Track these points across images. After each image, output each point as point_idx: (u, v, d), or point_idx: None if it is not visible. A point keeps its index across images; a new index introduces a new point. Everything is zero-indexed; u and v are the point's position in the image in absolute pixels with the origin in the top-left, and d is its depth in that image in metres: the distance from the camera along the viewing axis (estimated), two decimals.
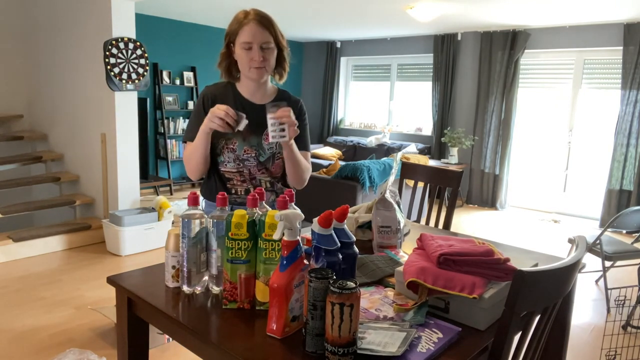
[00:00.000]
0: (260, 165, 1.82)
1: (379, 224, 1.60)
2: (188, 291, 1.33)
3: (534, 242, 5.07)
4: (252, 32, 1.67)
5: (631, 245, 3.59)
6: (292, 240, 1.10)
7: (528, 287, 0.99)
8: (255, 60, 1.69)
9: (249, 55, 1.69)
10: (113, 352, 2.64)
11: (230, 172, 1.82)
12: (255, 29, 1.67)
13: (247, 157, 1.80)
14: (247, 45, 1.68)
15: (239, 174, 1.82)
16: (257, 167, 1.82)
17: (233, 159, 1.79)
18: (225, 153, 1.79)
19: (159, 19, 6.56)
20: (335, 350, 0.99)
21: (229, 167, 1.81)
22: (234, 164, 1.80)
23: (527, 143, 6.53)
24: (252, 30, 1.67)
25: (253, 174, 1.83)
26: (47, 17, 4.85)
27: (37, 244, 4.15)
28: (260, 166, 1.82)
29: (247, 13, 1.70)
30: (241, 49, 1.69)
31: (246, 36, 1.67)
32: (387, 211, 1.59)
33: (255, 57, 1.69)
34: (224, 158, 1.80)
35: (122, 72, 4.28)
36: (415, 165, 2.57)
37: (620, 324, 3.19)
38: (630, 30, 5.36)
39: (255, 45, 1.68)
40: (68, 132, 4.88)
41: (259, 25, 1.68)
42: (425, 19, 5.31)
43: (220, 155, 1.80)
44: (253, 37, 1.67)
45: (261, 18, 1.69)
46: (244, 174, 1.82)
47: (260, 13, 1.71)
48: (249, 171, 1.82)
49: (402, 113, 7.73)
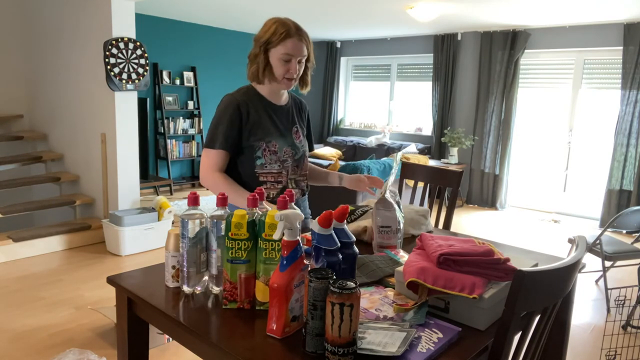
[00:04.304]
0: (295, 164, 1.89)
1: (379, 224, 1.60)
2: (188, 291, 1.33)
3: (534, 242, 5.07)
4: (295, 47, 1.75)
5: (631, 245, 3.59)
6: (292, 240, 1.10)
7: (528, 287, 0.99)
8: (292, 73, 1.78)
9: (286, 67, 1.77)
10: (113, 352, 2.64)
11: (270, 173, 1.84)
12: (298, 44, 1.75)
13: (286, 158, 1.86)
14: (287, 57, 1.75)
15: (278, 175, 1.85)
16: (292, 167, 1.88)
17: (275, 160, 1.83)
18: (267, 155, 1.82)
19: (159, 19, 6.56)
20: (335, 350, 0.99)
21: (270, 168, 1.83)
22: (275, 165, 1.84)
23: (527, 143, 6.53)
24: (295, 45, 1.75)
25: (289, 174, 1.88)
26: (47, 18, 4.85)
27: (37, 244, 4.16)
28: (295, 164, 1.89)
29: (289, 26, 1.75)
30: (280, 59, 1.76)
31: (290, 49, 1.74)
32: (387, 211, 1.59)
33: (293, 70, 1.77)
34: (265, 160, 1.82)
35: (122, 72, 4.28)
36: (415, 165, 2.57)
37: (620, 324, 3.19)
38: (630, 30, 5.36)
39: (295, 59, 1.76)
40: (68, 132, 4.88)
41: (302, 40, 1.76)
42: (425, 19, 5.31)
43: (261, 158, 1.82)
44: (296, 51, 1.75)
45: (303, 33, 1.78)
46: (282, 175, 1.86)
47: (300, 28, 1.78)
48: (287, 171, 1.87)
49: (402, 113, 7.73)
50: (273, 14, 5.84)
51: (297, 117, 1.96)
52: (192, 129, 7.04)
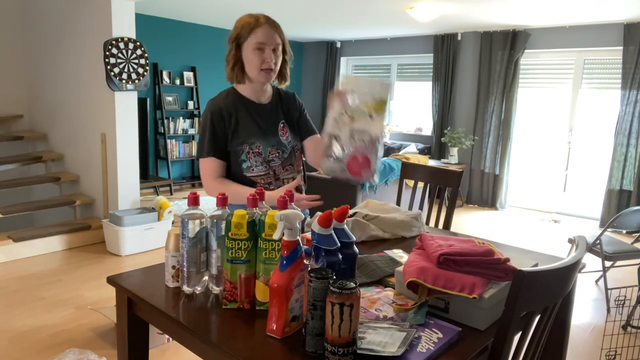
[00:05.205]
0: (285, 162, 1.86)
1: (354, 128, 1.44)
2: (188, 291, 1.33)
3: (534, 242, 5.07)
4: (267, 34, 1.71)
5: (631, 245, 3.59)
6: (292, 240, 1.10)
7: (528, 287, 0.99)
8: (268, 62, 1.73)
9: (261, 57, 1.73)
10: (113, 352, 2.64)
11: (258, 175, 1.82)
12: (269, 31, 1.72)
13: (273, 158, 1.82)
14: (260, 46, 1.71)
15: (266, 177, 1.83)
16: (282, 166, 1.85)
17: (260, 162, 1.80)
18: (252, 158, 1.79)
19: (159, 19, 6.56)
20: (335, 350, 0.99)
21: (257, 170, 1.81)
22: (262, 167, 1.81)
23: (527, 143, 6.53)
24: (266, 32, 1.71)
25: (278, 174, 1.84)
26: (48, 18, 4.85)
27: (37, 244, 4.15)
28: (285, 163, 1.86)
29: (258, 17, 1.74)
30: (253, 50, 1.72)
31: (261, 37, 1.71)
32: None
33: (268, 59, 1.73)
34: (251, 163, 1.80)
35: (122, 72, 4.28)
36: (415, 165, 2.57)
37: (620, 324, 3.19)
38: (630, 30, 5.36)
39: (268, 48, 1.72)
40: (68, 132, 4.88)
41: (272, 28, 1.73)
42: (425, 19, 5.31)
43: (246, 161, 1.80)
44: (267, 38, 1.72)
45: (273, 22, 1.75)
46: (270, 175, 1.83)
47: (269, 17, 1.75)
48: (274, 172, 1.84)
49: (402, 113, 7.73)
50: (273, 14, 5.83)
51: (282, 111, 1.90)
52: (192, 129, 7.04)
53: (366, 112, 1.48)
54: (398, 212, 1.95)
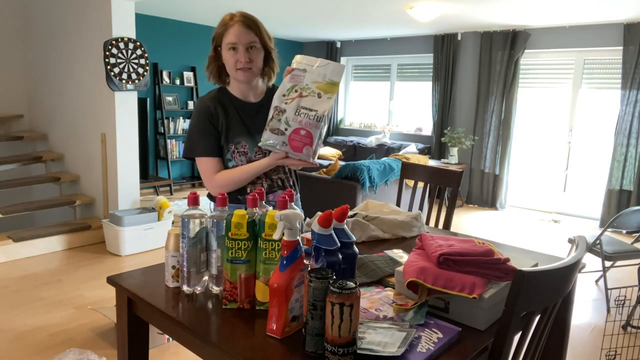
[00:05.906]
0: None
1: (301, 105, 1.48)
2: (188, 291, 1.33)
3: (534, 242, 5.07)
4: (237, 33, 1.67)
5: (631, 245, 3.59)
6: (292, 240, 1.10)
7: (528, 287, 0.99)
8: (241, 62, 1.69)
9: (235, 57, 1.69)
10: (113, 352, 2.64)
11: None
12: (240, 30, 1.68)
13: (259, 158, 1.76)
14: (232, 45, 1.68)
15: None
16: None
17: (245, 161, 1.76)
18: (237, 157, 1.76)
19: (159, 19, 6.56)
20: (335, 350, 0.99)
21: None
22: None
23: (527, 143, 6.53)
24: (236, 31, 1.68)
25: (269, 174, 1.81)
26: (47, 17, 4.85)
27: (37, 244, 4.16)
28: None
29: (233, 15, 1.71)
30: (227, 50, 1.70)
31: (231, 37, 1.68)
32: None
33: (241, 59, 1.69)
34: (236, 162, 1.77)
35: (122, 72, 4.28)
36: (415, 165, 2.57)
37: (620, 324, 3.19)
38: (630, 30, 5.36)
39: (241, 47, 1.68)
40: (68, 132, 4.88)
41: (244, 26, 1.68)
42: (425, 19, 5.31)
43: (231, 160, 1.77)
44: (238, 38, 1.68)
45: (246, 19, 1.70)
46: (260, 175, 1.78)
47: (245, 14, 1.71)
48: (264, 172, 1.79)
49: (402, 113, 7.73)
50: (273, 13, 5.84)
51: None
52: None
53: (315, 91, 1.52)
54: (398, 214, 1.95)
